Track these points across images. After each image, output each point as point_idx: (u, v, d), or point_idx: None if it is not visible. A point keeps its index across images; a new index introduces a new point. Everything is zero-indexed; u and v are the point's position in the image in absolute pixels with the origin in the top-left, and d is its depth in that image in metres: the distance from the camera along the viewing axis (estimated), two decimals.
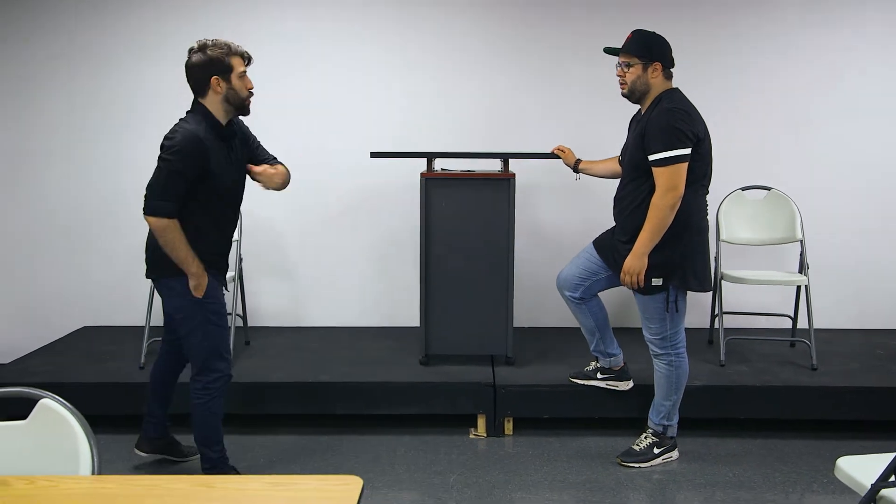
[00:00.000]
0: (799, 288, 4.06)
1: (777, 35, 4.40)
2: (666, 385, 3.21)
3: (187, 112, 2.83)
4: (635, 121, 3.21)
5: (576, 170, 3.63)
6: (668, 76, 3.07)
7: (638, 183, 3.06)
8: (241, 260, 4.04)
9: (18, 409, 1.72)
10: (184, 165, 2.67)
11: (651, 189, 2.98)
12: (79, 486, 1.52)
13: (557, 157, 3.68)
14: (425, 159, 3.77)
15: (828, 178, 4.47)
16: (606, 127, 4.03)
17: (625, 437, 3.47)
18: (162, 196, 2.68)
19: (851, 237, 4.51)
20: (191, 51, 2.77)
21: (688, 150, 2.91)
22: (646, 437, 3.30)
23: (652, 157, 2.94)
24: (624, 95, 3.14)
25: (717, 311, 4.01)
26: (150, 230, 2.80)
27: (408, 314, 4.50)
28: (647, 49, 3.03)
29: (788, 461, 3.33)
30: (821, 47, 4.41)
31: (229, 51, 2.76)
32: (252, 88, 2.85)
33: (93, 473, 1.61)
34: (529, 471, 3.24)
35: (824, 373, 3.71)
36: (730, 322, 4.16)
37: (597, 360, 3.53)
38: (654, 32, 3.08)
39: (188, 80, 2.79)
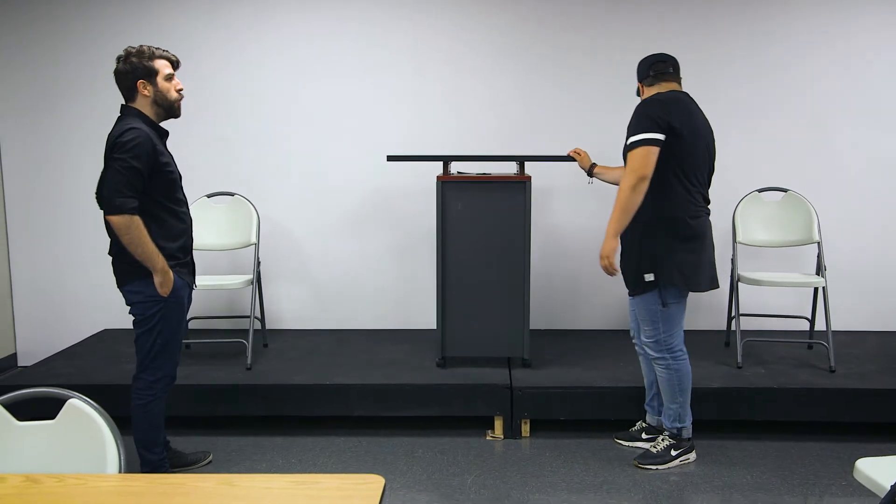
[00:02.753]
0: (816, 290, 4.05)
1: (796, 37, 4.40)
2: (669, 388, 3.21)
3: (120, 117, 2.81)
4: None
5: (590, 174, 3.64)
6: (653, 83, 3.14)
7: None
8: (259, 263, 4.08)
9: (45, 409, 1.76)
10: (139, 162, 2.66)
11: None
12: (107, 484, 1.55)
13: (573, 159, 3.69)
14: (441, 162, 3.79)
15: (845, 180, 4.46)
16: (622, 130, 4.04)
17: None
18: (123, 193, 2.64)
19: (868, 239, 4.50)
20: (118, 59, 2.80)
21: (657, 135, 2.95)
22: (663, 440, 3.30)
23: (626, 144, 3.04)
24: None
25: (733, 313, 4.00)
26: (111, 240, 2.78)
27: (425, 317, 4.54)
28: (638, 80, 3.23)
29: (806, 463, 3.32)
30: (840, 49, 4.40)
31: (152, 55, 2.80)
32: (181, 90, 2.87)
33: (119, 472, 1.64)
34: (546, 472, 3.25)
35: (842, 375, 3.70)
36: (746, 324, 4.15)
37: (644, 416, 3.50)
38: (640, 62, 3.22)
39: (118, 87, 2.82)
